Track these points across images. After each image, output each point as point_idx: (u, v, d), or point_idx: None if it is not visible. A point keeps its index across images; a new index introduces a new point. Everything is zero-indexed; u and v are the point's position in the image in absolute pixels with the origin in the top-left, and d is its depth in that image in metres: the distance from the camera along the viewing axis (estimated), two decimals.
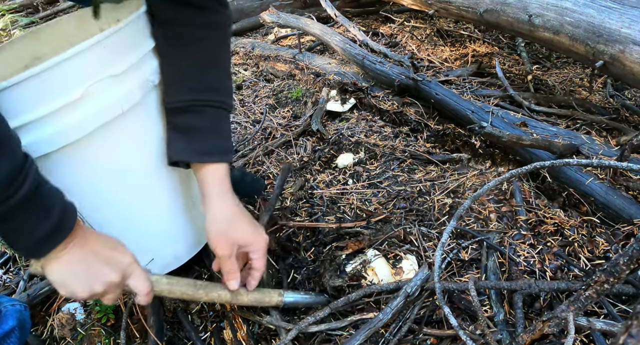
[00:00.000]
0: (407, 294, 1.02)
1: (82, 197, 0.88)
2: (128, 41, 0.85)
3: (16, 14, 4.58)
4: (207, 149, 0.92)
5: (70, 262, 0.76)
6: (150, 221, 1.04)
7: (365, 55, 2.27)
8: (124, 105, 0.84)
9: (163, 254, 1.08)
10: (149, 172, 0.96)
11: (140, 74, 0.88)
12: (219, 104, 0.92)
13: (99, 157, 0.87)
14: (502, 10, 2.05)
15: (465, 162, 1.66)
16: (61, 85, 0.76)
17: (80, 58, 0.76)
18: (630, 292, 1.02)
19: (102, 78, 0.80)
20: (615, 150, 1.46)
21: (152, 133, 0.95)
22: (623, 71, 1.58)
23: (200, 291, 0.95)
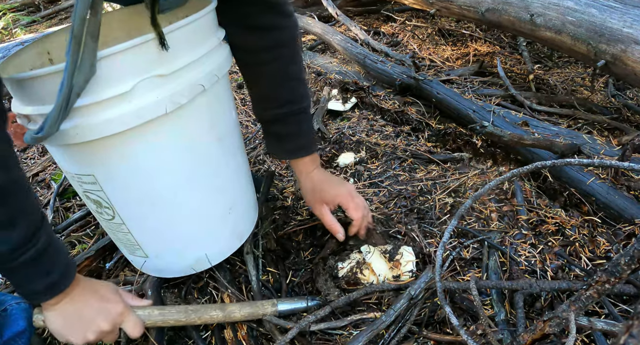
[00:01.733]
0: (410, 296, 1.02)
1: (114, 191, 0.90)
2: (182, 42, 0.81)
3: (17, 13, 4.58)
4: (293, 149, 1.15)
5: (64, 314, 0.86)
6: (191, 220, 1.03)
7: (367, 55, 2.27)
8: (168, 107, 0.81)
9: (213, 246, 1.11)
10: (187, 179, 0.95)
11: (191, 76, 0.84)
12: (297, 111, 1.08)
13: (137, 154, 0.86)
14: (504, 10, 2.04)
15: (466, 162, 1.66)
16: (109, 78, 0.74)
17: (131, 53, 0.74)
18: (631, 292, 1.02)
19: (148, 76, 0.77)
20: (616, 150, 1.46)
21: (199, 135, 0.93)
22: (625, 71, 1.58)
23: (192, 316, 0.99)
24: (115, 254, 1.33)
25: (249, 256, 1.20)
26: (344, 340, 1.03)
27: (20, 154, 2.29)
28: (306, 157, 1.16)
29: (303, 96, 1.09)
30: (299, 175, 1.20)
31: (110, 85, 0.75)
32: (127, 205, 0.93)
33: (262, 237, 1.29)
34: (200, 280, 1.23)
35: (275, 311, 1.05)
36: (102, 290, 0.91)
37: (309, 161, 1.17)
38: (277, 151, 1.18)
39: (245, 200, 1.16)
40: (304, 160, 1.16)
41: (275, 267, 1.24)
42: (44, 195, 1.75)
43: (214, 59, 0.90)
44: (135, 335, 0.92)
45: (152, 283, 1.16)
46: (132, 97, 0.77)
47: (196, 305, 1.02)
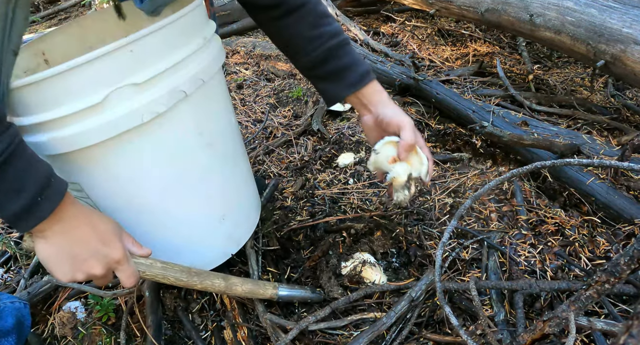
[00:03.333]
0: (411, 298, 1.02)
1: (99, 199, 0.88)
2: (156, 48, 0.77)
3: None
4: (357, 78, 1.07)
5: (56, 245, 0.76)
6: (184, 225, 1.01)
7: (366, 55, 2.27)
8: (144, 116, 0.78)
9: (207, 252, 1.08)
10: (171, 187, 0.92)
11: (170, 82, 0.80)
12: (344, 41, 1.07)
13: (117, 163, 0.83)
14: (503, 10, 2.05)
15: (466, 162, 1.66)
16: (79, 89, 0.71)
17: (103, 62, 0.71)
18: (631, 292, 1.02)
19: (120, 86, 0.74)
20: (616, 150, 1.46)
21: (184, 142, 0.89)
22: (624, 71, 1.58)
23: (194, 278, 0.93)
24: None
25: (252, 251, 1.21)
26: (345, 340, 1.03)
27: None
28: (373, 83, 1.08)
29: (340, 29, 1.07)
30: (372, 103, 1.09)
31: (81, 96, 0.72)
32: (115, 212, 0.89)
33: (263, 236, 1.30)
34: None
35: (275, 294, 1.05)
36: (103, 229, 0.80)
37: (378, 89, 1.09)
38: (339, 90, 1.08)
39: (244, 205, 1.13)
40: (374, 87, 1.08)
41: (275, 267, 1.24)
42: None
43: (198, 62, 0.85)
44: (127, 285, 0.84)
45: (150, 283, 1.16)
46: (105, 108, 0.74)
47: (200, 270, 0.96)
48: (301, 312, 1.12)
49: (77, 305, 1.21)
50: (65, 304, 1.22)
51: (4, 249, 1.46)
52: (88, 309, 1.21)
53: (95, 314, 1.17)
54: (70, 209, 0.75)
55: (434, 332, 1.02)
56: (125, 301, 1.19)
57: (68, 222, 0.75)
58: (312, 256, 1.23)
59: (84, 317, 1.18)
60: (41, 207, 0.70)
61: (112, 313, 1.17)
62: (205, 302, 1.18)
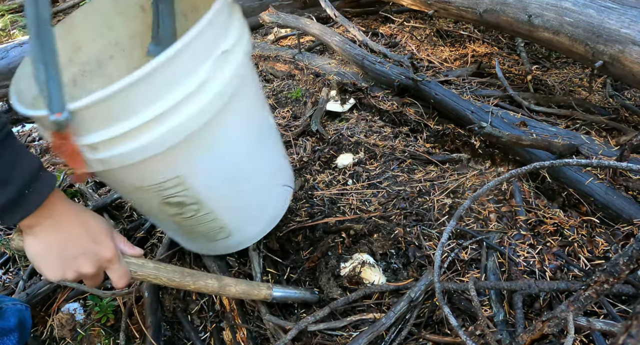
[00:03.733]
0: (410, 298, 1.02)
1: (198, 184, 0.88)
2: (228, 12, 0.81)
3: (16, 14, 4.58)
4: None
5: (46, 242, 0.73)
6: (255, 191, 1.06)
7: (365, 56, 2.27)
8: (234, 82, 0.80)
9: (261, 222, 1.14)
10: (257, 151, 0.98)
11: (243, 47, 0.83)
12: None
13: (216, 139, 0.85)
14: (502, 11, 2.05)
15: (464, 162, 1.66)
16: (183, 72, 0.72)
17: (199, 39, 0.71)
18: (630, 292, 1.02)
19: (216, 55, 0.75)
20: (614, 150, 1.46)
21: (251, 111, 0.93)
22: (623, 71, 1.58)
23: (187, 279, 0.92)
24: None
25: (255, 253, 1.21)
26: (344, 341, 1.03)
27: None
28: None
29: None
30: None
31: (182, 83, 0.72)
32: (212, 192, 0.92)
33: (265, 236, 1.30)
34: None
35: (269, 294, 1.03)
36: (95, 228, 0.77)
37: None
38: None
39: (290, 175, 1.21)
40: None
41: (274, 268, 1.24)
42: None
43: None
44: (119, 285, 0.82)
45: (149, 284, 1.15)
46: (204, 88, 0.75)
47: (193, 270, 0.96)
48: (300, 313, 1.12)
49: (76, 307, 1.21)
50: (64, 305, 1.22)
51: (3, 250, 1.46)
52: (87, 311, 1.20)
53: (94, 316, 1.16)
54: (60, 205, 0.73)
55: (433, 333, 1.02)
56: (124, 302, 1.19)
57: (58, 218, 0.72)
58: (311, 257, 1.23)
59: (83, 319, 1.18)
60: (28, 199, 0.67)
61: (111, 314, 1.17)
62: (204, 303, 1.18)
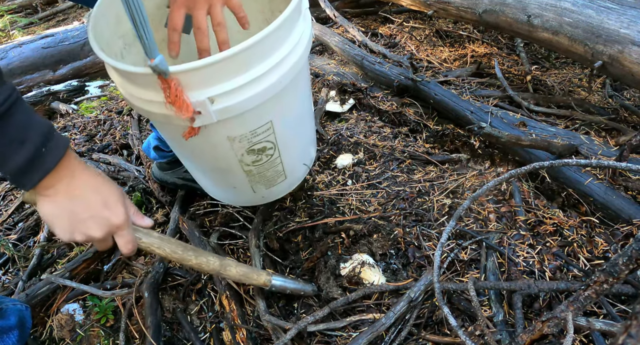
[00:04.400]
0: (410, 299, 1.02)
1: (280, 129, 1.00)
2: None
3: (15, 15, 4.58)
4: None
5: (57, 204, 0.74)
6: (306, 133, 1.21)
7: (365, 56, 2.27)
8: (311, 30, 0.96)
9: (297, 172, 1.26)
10: (309, 103, 1.14)
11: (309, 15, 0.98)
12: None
13: (298, 87, 0.99)
14: (501, 11, 2.05)
15: (464, 163, 1.66)
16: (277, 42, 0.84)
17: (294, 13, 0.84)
18: (629, 292, 1.02)
19: (300, 19, 0.90)
20: (614, 150, 1.47)
21: (307, 81, 1.09)
22: (622, 71, 1.58)
23: (189, 253, 0.94)
24: (114, 256, 1.33)
25: (256, 249, 1.21)
26: (344, 341, 1.03)
27: None
28: None
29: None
30: None
31: (281, 46, 0.86)
32: (285, 137, 1.03)
33: (265, 236, 1.30)
34: (199, 281, 1.23)
35: (268, 280, 1.05)
36: (106, 193, 0.78)
37: None
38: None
39: (314, 141, 1.37)
40: None
41: (274, 269, 1.24)
42: None
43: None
44: (125, 252, 0.83)
45: (149, 285, 1.16)
46: (291, 54, 0.88)
47: (195, 247, 0.99)
48: (300, 313, 1.12)
49: (76, 308, 1.21)
50: (63, 306, 1.22)
51: (2, 250, 1.45)
52: (86, 311, 1.20)
53: (94, 316, 1.16)
54: (76, 167, 0.75)
55: (432, 333, 1.02)
56: (123, 303, 1.19)
57: (72, 180, 0.74)
58: (310, 257, 1.23)
59: (82, 319, 1.18)
60: (46, 158, 0.68)
61: (111, 315, 1.17)
62: (204, 304, 1.18)
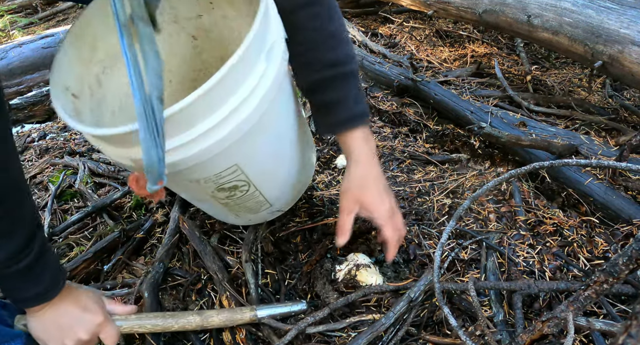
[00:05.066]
0: (410, 299, 1.02)
1: (250, 169, 0.95)
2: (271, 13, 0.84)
3: (15, 15, 4.58)
4: (339, 120, 0.98)
5: (45, 321, 0.87)
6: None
7: (364, 56, 2.27)
8: (284, 65, 0.85)
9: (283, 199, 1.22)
10: (293, 133, 1.05)
11: (281, 48, 0.87)
12: (342, 74, 0.95)
13: (269, 124, 0.89)
14: (501, 11, 2.05)
15: (464, 163, 1.66)
16: (236, 84, 0.76)
17: (251, 47, 0.75)
18: (629, 292, 1.02)
19: (261, 59, 0.80)
20: (614, 150, 1.47)
21: (288, 105, 0.98)
22: (622, 71, 1.58)
23: (169, 320, 1.00)
24: (114, 256, 1.33)
25: (247, 265, 1.20)
26: (343, 341, 1.03)
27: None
28: (356, 131, 0.98)
29: (346, 57, 0.95)
30: (349, 155, 1.01)
31: (236, 91, 0.78)
32: (260, 174, 0.99)
33: (260, 240, 1.29)
34: (199, 281, 1.23)
35: (254, 315, 1.03)
36: (84, 300, 0.91)
37: (360, 137, 0.99)
38: (323, 127, 1.01)
39: (314, 153, 1.32)
40: (354, 135, 0.98)
41: (273, 269, 1.24)
42: (41, 197, 1.74)
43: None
44: (112, 343, 0.94)
45: (149, 284, 1.15)
46: (255, 94, 0.80)
47: (174, 312, 1.04)
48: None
49: None
50: None
51: None
52: None
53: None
54: (62, 290, 0.87)
55: (432, 333, 1.02)
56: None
57: (57, 300, 0.86)
58: (309, 260, 1.23)
59: None
60: (49, 293, 0.84)
61: None
62: (204, 304, 1.18)
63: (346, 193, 1.02)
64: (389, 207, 1.01)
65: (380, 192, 1.01)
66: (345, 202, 1.02)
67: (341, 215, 1.02)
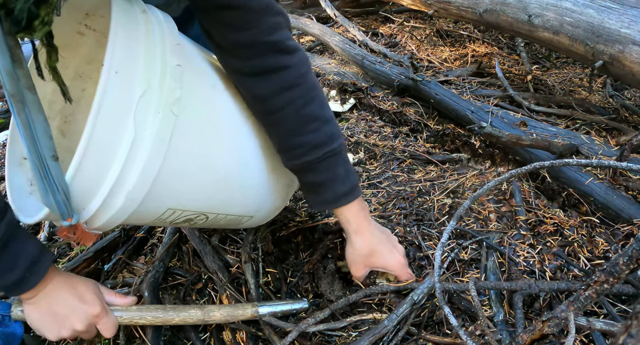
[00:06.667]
0: (413, 301, 1.02)
1: (195, 200, 0.89)
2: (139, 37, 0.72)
3: None
4: (333, 198, 0.99)
5: (39, 310, 0.85)
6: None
7: (365, 56, 2.27)
8: (173, 109, 0.75)
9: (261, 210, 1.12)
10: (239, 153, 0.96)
11: (165, 57, 0.75)
12: (327, 154, 0.94)
13: (186, 160, 0.83)
14: (502, 10, 2.05)
15: (464, 162, 1.66)
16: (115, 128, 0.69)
17: (108, 97, 0.67)
18: (629, 292, 1.02)
19: (136, 103, 0.70)
20: (614, 150, 1.46)
21: (209, 96, 0.89)
22: (622, 71, 1.58)
23: (171, 313, 0.98)
24: (114, 255, 1.33)
25: (247, 265, 1.20)
26: (344, 341, 1.03)
27: None
28: (352, 204, 1.00)
29: (330, 137, 0.94)
30: (347, 226, 1.03)
31: (114, 146, 0.71)
32: (208, 203, 0.93)
33: (260, 240, 1.29)
34: (199, 281, 1.23)
35: (255, 311, 1.02)
36: (81, 288, 0.89)
37: (357, 209, 1.01)
38: (317, 204, 1.02)
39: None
40: (350, 208, 1.01)
41: (274, 268, 1.24)
42: None
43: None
44: (107, 336, 0.92)
45: (149, 284, 1.15)
46: (142, 138, 0.72)
47: (175, 305, 1.01)
48: (300, 314, 1.12)
49: None
50: None
51: None
52: None
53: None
54: (53, 277, 0.85)
55: (433, 333, 1.02)
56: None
57: (51, 287, 0.85)
58: (310, 259, 1.23)
59: None
60: (29, 280, 0.80)
61: None
62: (204, 303, 1.18)
63: (355, 263, 1.07)
64: (398, 256, 1.07)
65: (388, 250, 1.06)
66: (356, 271, 1.08)
67: (355, 279, 1.12)
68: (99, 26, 0.96)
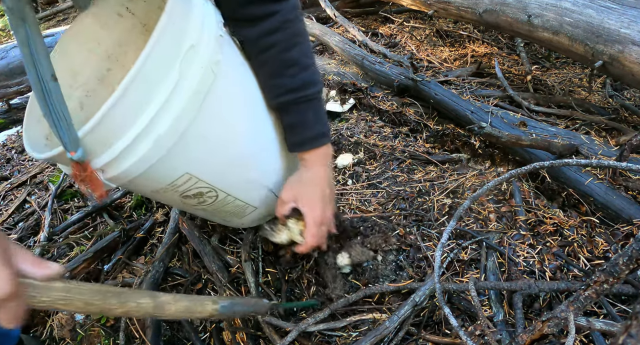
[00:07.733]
0: (415, 303, 1.02)
1: (211, 170, 0.92)
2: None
3: None
4: (298, 141, 1.04)
5: None
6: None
7: (365, 56, 2.27)
8: (214, 68, 0.81)
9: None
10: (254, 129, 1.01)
11: (212, 28, 0.83)
12: (296, 99, 1.00)
13: (213, 128, 0.86)
14: (502, 11, 2.05)
15: (464, 163, 1.66)
16: (158, 76, 0.73)
17: (158, 49, 0.71)
18: (629, 292, 1.02)
19: (184, 53, 0.75)
20: (614, 150, 1.47)
21: (243, 77, 0.97)
22: (622, 71, 1.58)
23: (112, 300, 0.70)
24: (114, 255, 1.33)
25: (247, 264, 1.20)
26: (344, 341, 1.03)
27: (17, 155, 2.29)
28: (317, 150, 1.04)
29: (306, 83, 0.99)
30: (303, 162, 1.07)
31: (155, 93, 0.75)
32: (222, 179, 0.95)
33: (260, 240, 1.29)
34: (199, 281, 1.23)
35: (215, 310, 0.85)
36: None
37: (320, 155, 1.05)
38: (290, 146, 1.06)
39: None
40: (314, 153, 1.04)
41: (273, 268, 1.24)
42: (42, 196, 1.75)
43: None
44: (8, 327, 0.59)
45: (149, 284, 1.16)
46: (177, 92, 0.76)
47: (121, 289, 0.74)
48: (300, 314, 1.12)
49: None
50: None
51: None
52: None
53: (94, 316, 1.16)
54: None
55: (433, 333, 1.02)
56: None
57: None
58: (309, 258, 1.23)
59: (83, 319, 1.18)
60: None
61: None
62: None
63: (288, 187, 1.07)
64: (322, 211, 1.04)
65: (320, 199, 1.05)
66: (284, 193, 1.07)
67: (278, 203, 1.08)
68: (139, 11, 1.02)
